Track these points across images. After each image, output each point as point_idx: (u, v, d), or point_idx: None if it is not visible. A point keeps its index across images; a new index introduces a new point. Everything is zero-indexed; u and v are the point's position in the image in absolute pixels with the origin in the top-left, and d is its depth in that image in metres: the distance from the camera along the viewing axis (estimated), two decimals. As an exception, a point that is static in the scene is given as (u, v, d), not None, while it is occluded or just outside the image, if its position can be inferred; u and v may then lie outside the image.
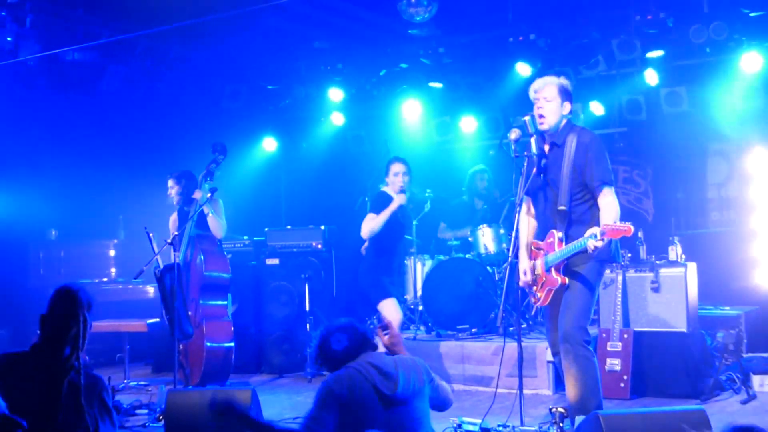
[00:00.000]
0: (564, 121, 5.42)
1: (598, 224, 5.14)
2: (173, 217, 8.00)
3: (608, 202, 5.22)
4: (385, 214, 7.21)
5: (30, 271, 10.20)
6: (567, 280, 5.25)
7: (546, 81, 5.48)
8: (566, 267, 5.29)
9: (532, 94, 5.49)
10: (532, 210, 5.66)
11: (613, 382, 6.98)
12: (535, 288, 5.52)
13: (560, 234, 5.31)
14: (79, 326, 3.76)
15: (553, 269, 5.30)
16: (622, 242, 5.22)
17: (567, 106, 5.42)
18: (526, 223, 5.66)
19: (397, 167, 7.37)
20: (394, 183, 7.35)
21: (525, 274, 5.55)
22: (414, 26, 8.66)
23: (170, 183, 7.90)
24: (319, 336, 4.28)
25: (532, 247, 5.59)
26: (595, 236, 4.92)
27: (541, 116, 5.38)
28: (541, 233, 5.55)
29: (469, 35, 9.33)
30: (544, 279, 5.40)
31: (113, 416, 3.79)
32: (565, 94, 5.42)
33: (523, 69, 9.00)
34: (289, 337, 8.97)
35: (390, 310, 7.14)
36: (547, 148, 5.45)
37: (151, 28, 8.01)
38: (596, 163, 5.24)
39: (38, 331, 3.81)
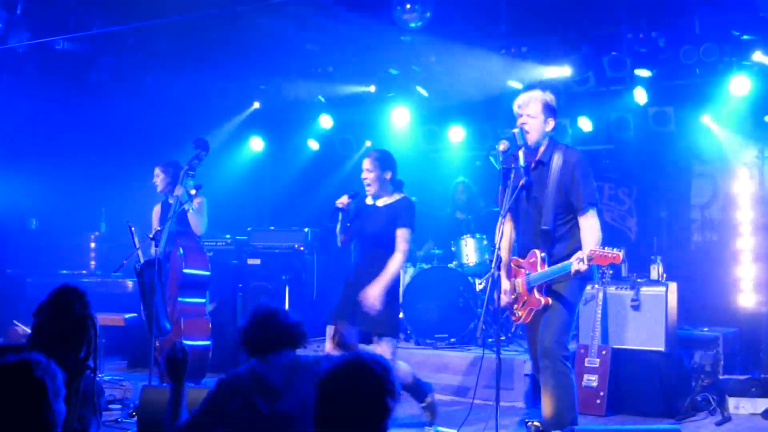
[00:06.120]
0: (546, 139, 5.35)
1: (578, 243, 5.13)
2: (156, 209, 7.92)
3: (590, 224, 5.17)
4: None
5: (9, 259, 10.12)
6: (550, 301, 5.20)
7: (530, 97, 5.35)
8: (547, 284, 5.27)
9: (515, 109, 5.37)
10: (512, 226, 5.59)
11: (590, 398, 6.99)
12: (516, 306, 5.46)
13: (543, 254, 5.24)
14: (95, 327, 3.67)
15: (535, 290, 5.24)
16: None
17: (551, 123, 5.33)
18: (507, 240, 5.56)
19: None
20: None
21: (505, 294, 5.50)
22: (406, 33, 8.66)
23: (157, 171, 7.80)
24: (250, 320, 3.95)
25: (513, 265, 5.53)
26: (582, 260, 4.88)
27: (525, 132, 5.34)
28: (521, 250, 5.47)
29: (461, 45, 9.33)
30: (525, 298, 5.35)
31: (99, 419, 3.71)
32: (550, 111, 5.32)
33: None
34: (267, 338, 8.90)
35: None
36: (532, 165, 5.39)
37: (142, 21, 7.97)
38: (583, 183, 5.18)
39: (31, 328, 3.66)
